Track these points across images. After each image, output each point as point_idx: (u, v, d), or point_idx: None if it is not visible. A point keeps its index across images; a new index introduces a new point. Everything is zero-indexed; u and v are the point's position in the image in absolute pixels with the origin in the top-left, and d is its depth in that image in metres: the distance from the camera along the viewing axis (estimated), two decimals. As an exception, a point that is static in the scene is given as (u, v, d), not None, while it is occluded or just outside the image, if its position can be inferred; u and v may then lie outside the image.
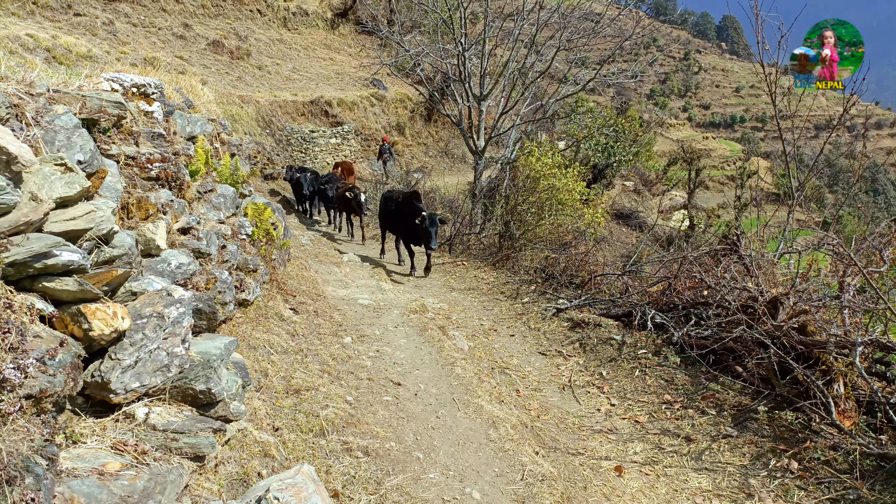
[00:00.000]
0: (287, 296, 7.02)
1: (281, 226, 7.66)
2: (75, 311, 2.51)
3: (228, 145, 6.92)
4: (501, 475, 4.44)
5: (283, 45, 27.93)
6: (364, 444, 4.34)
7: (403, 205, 10.56)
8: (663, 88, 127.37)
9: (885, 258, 6.74)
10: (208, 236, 4.60)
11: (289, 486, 2.62)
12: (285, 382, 4.78)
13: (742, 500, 4.46)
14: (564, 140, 24.60)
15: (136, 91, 4.36)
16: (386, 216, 11.34)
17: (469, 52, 15.19)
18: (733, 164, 48.64)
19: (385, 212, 11.34)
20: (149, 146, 4.10)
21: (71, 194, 2.65)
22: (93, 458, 2.33)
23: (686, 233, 21.59)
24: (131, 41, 20.40)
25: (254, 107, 19.44)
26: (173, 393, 2.96)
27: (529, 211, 13.10)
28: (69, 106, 3.21)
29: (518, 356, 7.28)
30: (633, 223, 28.03)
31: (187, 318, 3.02)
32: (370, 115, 24.87)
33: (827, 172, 18.95)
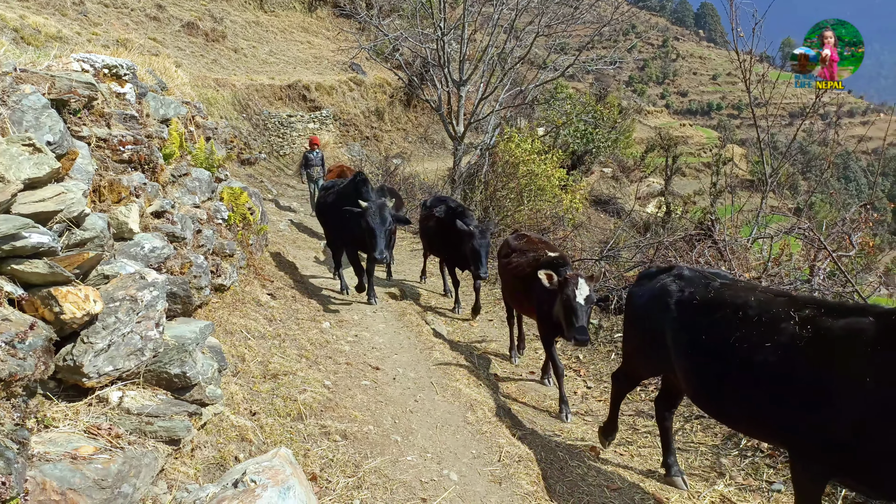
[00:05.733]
0: (265, 281, 6.98)
1: (258, 210, 7.59)
2: (46, 294, 2.47)
3: (204, 129, 6.82)
4: (479, 457, 4.49)
5: (260, 28, 27.49)
6: (342, 428, 4.36)
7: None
8: (641, 75, 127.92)
9: (853, 243, 6.91)
10: (183, 220, 4.54)
11: (266, 468, 2.62)
12: (263, 367, 4.76)
13: (714, 479, 4.56)
14: (544, 126, 24.64)
15: (107, 72, 4.27)
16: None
17: (448, 36, 15.10)
18: (709, 152, 49.16)
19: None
20: (121, 128, 4.02)
21: (40, 175, 2.60)
22: (65, 442, 2.31)
23: (662, 219, 21.81)
24: (103, 22, 19.91)
25: (230, 90, 19.15)
26: (148, 377, 2.94)
27: (508, 197, 13.16)
28: (37, 86, 3.13)
29: (496, 341, 7.32)
30: (610, 209, 28.24)
31: (161, 301, 2.98)
32: (349, 99, 24.64)
33: (800, 159, 19.32)
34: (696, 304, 3.92)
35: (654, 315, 4.17)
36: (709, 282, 4.03)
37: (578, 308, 5.02)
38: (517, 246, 6.60)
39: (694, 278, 4.13)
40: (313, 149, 13.84)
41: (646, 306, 4.34)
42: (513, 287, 6.48)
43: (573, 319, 5.01)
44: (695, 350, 3.80)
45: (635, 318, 4.56)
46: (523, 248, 6.47)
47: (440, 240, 8.25)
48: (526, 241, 6.66)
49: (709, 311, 3.79)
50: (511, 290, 6.65)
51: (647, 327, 4.32)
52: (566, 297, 5.08)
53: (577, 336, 4.96)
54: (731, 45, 8.23)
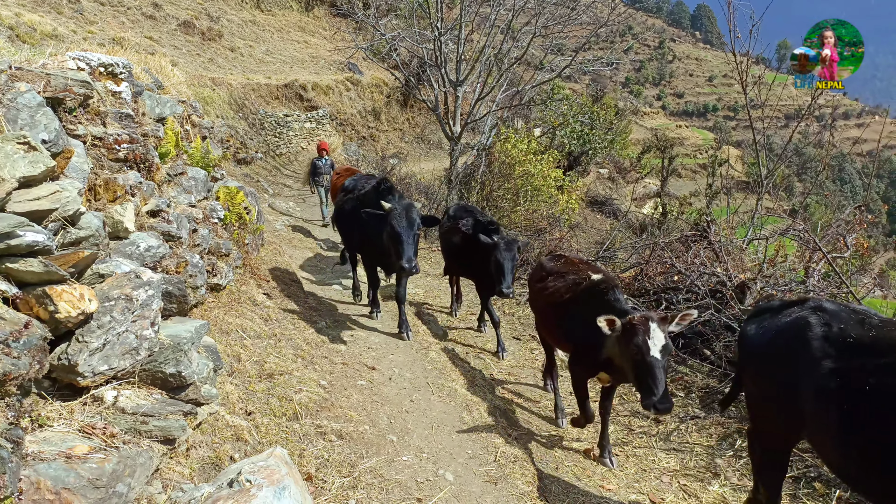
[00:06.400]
0: (260, 280, 6.96)
1: (254, 210, 7.57)
2: (41, 292, 2.46)
3: (200, 128, 6.79)
4: (475, 457, 4.49)
5: (257, 27, 27.43)
6: (338, 428, 4.35)
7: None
8: (638, 77, 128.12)
9: (848, 244, 6.95)
10: (179, 219, 4.53)
11: (261, 468, 2.62)
12: (258, 367, 4.75)
13: (709, 479, 4.57)
14: (540, 127, 24.65)
15: (103, 71, 4.25)
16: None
17: (445, 36, 15.08)
18: (705, 153, 49.24)
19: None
20: (117, 127, 4.01)
21: (35, 174, 2.59)
22: (60, 441, 2.30)
23: (658, 220, 21.88)
24: (99, 20, 19.83)
25: (226, 89, 19.10)
26: (143, 376, 2.93)
27: (505, 197, 13.16)
28: (33, 84, 3.12)
29: (492, 341, 7.32)
30: (607, 210, 28.29)
31: (156, 300, 2.98)
32: (345, 99, 24.61)
33: (795, 161, 19.28)
34: (852, 344, 2.98)
35: (786, 359, 3.25)
36: (863, 317, 3.11)
37: (655, 365, 3.84)
38: (553, 268, 5.53)
39: (841, 312, 3.18)
40: (322, 155, 12.99)
41: (772, 346, 3.39)
42: (550, 317, 5.33)
43: (650, 382, 3.81)
44: (853, 406, 2.82)
45: (758, 364, 3.50)
46: (561, 271, 5.38)
47: (466, 258, 7.06)
48: (564, 263, 5.61)
49: (872, 355, 2.86)
50: (547, 323, 5.52)
51: (774, 376, 3.33)
52: (636, 351, 3.91)
53: (659, 405, 3.76)
54: (727, 47, 8.26)
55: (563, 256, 5.97)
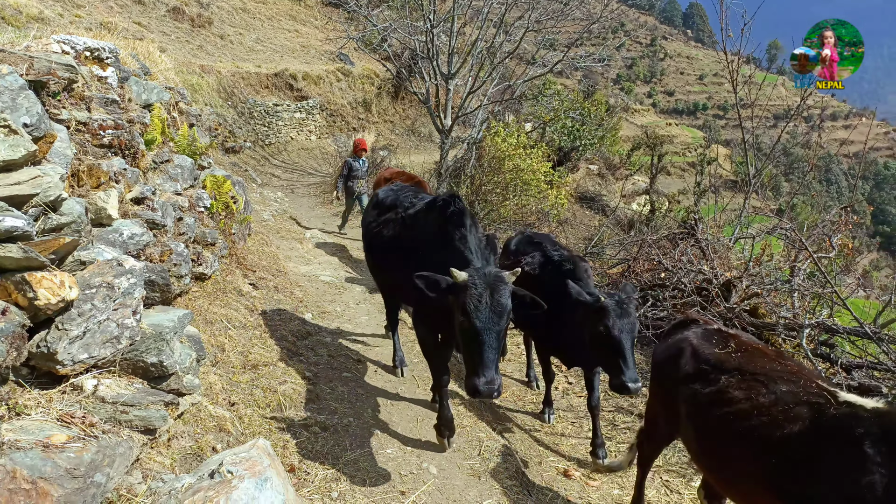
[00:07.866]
0: (247, 271, 6.91)
1: (241, 199, 7.51)
2: (19, 279, 2.42)
3: (187, 115, 6.71)
4: (459, 450, 4.49)
5: (247, 15, 27.15)
6: (322, 420, 4.34)
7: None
8: (629, 74, 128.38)
9: (833, 244, 7.01)
10: (164, 207, 4.47)
11: (243, 459, 2.59)
12: (243, 357, 4.72)
13: (691, 475, 4.61)
14: (531, 122, 24.63)
15: (89, 55, 4.18)
16: None
17: (437, 29, 15.02)
18: (694, 151, 49.46)
19: None
20: (102, 112, 3.94)
21: (15, 157, 2.54)
22: (37, 430, 2.26)
23: (647, 217, 21.96)
24: (87, 4, 19.52)
25: (215, 77, 18.90)
26: (124, 365, 2.89)
27: (494, 191, 13.15)
28: (15, 66, 3.06)
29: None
30: (596, 206, 28.34)
31: (139, 289, 2.94)
32: (336, 90, 24.44)
33: (783, 161, 19.33)
34: None
35: None
36: None
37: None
38: None
39: None
40: (360, 155, 10.90)
41: None
42: None
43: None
44: None
45: None
46: None
47: (547, 322, 4.83)
48: None
49: None
50: None
51: None
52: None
53: None
54: (718, 46, 8.29)
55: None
